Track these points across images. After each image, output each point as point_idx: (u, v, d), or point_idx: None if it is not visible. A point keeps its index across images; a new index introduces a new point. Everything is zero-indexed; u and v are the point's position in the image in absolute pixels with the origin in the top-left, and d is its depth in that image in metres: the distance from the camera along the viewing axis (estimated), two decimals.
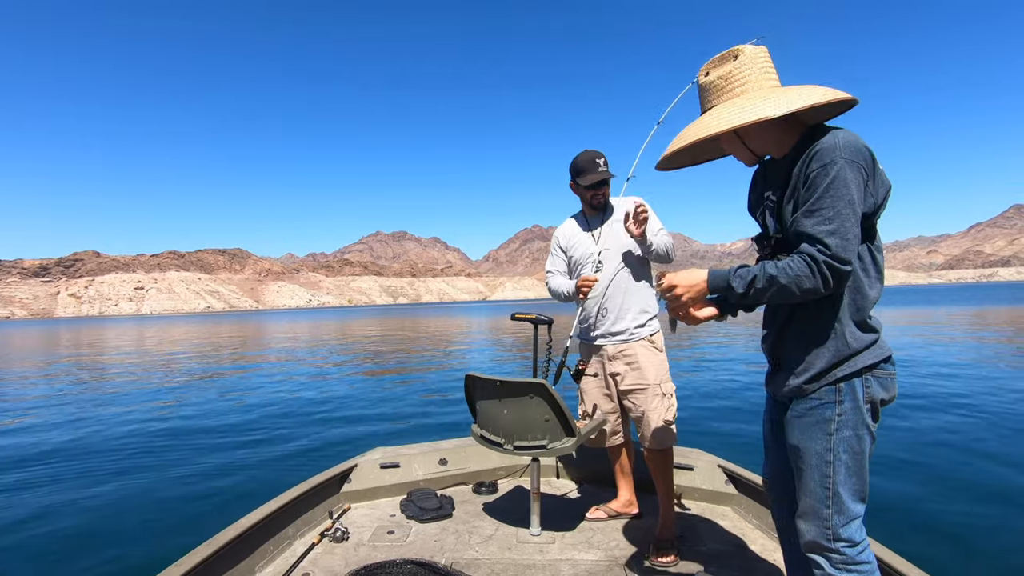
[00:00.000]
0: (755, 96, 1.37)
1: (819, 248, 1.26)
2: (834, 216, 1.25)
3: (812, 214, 1.28)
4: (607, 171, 2.49)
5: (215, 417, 7.61)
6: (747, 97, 1.39)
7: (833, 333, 1.36)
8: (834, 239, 1.24)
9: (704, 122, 1.42)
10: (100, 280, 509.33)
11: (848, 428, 1.35)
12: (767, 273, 1.30)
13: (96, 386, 11.61)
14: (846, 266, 1.25)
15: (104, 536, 3.60)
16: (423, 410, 7.66)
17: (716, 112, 1.42)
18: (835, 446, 1.35)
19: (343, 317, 72.29)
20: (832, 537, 1.36)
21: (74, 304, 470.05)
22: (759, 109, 1.32)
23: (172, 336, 33.72)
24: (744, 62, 1.41)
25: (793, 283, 1.28)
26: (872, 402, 1.35)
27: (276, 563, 2.27)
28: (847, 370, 1.34)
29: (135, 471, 5.08)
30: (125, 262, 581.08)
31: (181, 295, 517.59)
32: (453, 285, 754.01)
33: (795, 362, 1.41)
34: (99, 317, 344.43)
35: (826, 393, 1.36)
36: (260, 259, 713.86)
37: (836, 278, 1.27)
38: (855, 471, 1.35)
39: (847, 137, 1.29)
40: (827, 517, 1.36)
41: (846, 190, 1.25)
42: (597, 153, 2.50)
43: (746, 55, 1.42)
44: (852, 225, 1.26)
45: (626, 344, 2.48)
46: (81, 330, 55.07)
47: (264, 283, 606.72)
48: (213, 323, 64.06)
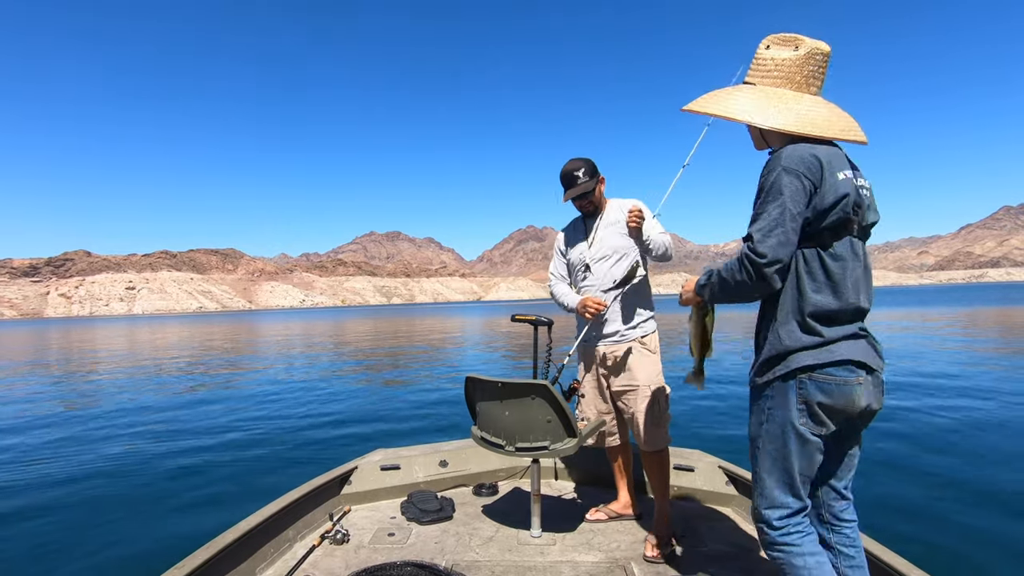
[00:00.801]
0: (777, 99, 1.45)
1: (747, 244, 1.38)
2: (763, 215, 1.36)
3: (753, 218, 1.41)
4: (586, 183, 2.47)
5: (214, 417, 7.57)
6: (770, 96, 1.46)
7: (771, 330, 1.45)
8: (758, 235, 1.35)
9: (727, 102, 1.51)
10: (91, 280, 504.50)
11: (775, 423, 1.43)
12: (715, 270, 1.44)
13: (87, 389, 11.50)
14: (762, 259, 1.33)
15: (97, 541, 3.57)
16: (423, 412, 7.64)
17: (740, 97, 1.50)
18: (762, 435, 1.46)
19: (337, 317, 72.01)
20: (754, 516, 1.50)
21: (64, 304, 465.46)
22: (765, 116, 1.42)
23: (164, 337, 33.47)
24: (795, 58, 1.47)
25: (729, 276, 1.42)
26: (807, 403, 1.39)
27: (276, 565, 2.26)
28: (782, 369, 1.41)
29: (133, 473, 5.04)
30: (116, 262, 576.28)
31: (173, 295, 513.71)
32: (447, 285, 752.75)
33: (755, 355, 1.54)
34: (90, 317, 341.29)
35: (763, 387, 1.46)
36: (253, 259, 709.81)
37: (756, 271, 1.35)
38: (779, 463, 1.43)
39: (795, 149, 1.39)
40: (754, 496, 1.51)
41: (778, 194, 1.35)
42: (577, 164, 2.49)
43: (803, 50, 1.47)
44: (778, 224, 1.34)
45: (617, 345, 2.48)
46: (71, 331, 54.57)
47: (257, 283, 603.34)
48: (205, 323, 63.63)
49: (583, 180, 2.47)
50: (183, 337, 32.00)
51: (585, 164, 2.49)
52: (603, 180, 2.57)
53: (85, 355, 20.99)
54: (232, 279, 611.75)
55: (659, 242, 2.45)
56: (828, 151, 1.42)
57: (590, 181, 2.48)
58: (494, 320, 40.93)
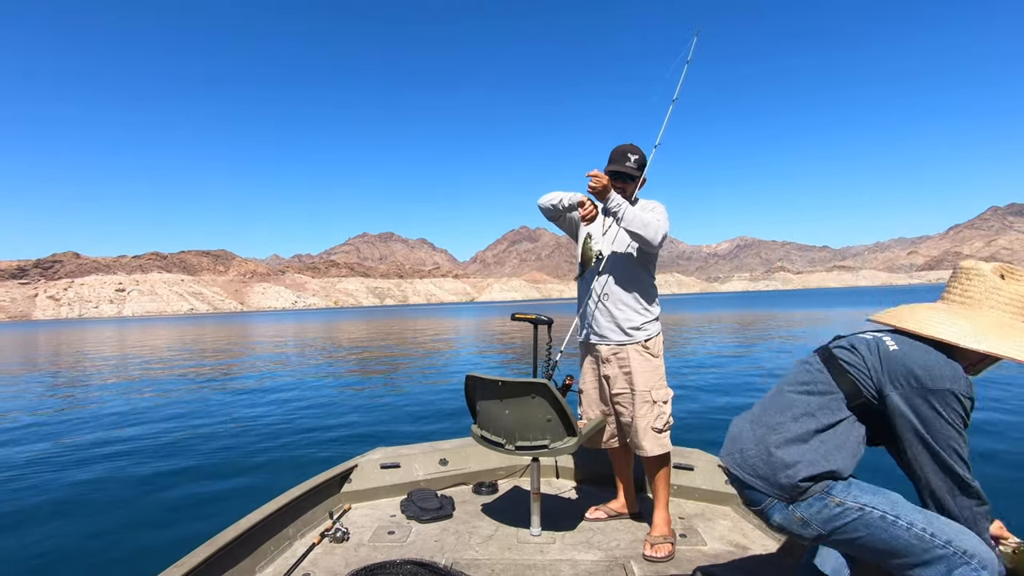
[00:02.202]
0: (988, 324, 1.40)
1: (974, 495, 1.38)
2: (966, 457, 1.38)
3: (957, 453, 1.36)
4: (631, 167, 2.46)
5: (213, 418, 7.54)
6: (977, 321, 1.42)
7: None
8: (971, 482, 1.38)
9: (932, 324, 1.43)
10: (80, 282, 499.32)
11: None
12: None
13: (80, 390, 11.39)
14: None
15: (96, 540, 3.56)
16: (422, 411, 7.63)
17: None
18: None
19: (331, 319, 71.70)
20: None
21: (53, 306, 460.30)
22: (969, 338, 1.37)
23: (156, 339, 33.20)
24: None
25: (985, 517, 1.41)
26: None
27: (276, 563, 2.26)
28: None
29: (129, 475, 5.02)
30: (106, 263, 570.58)
31: (164, 297, 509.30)
32: (440, 286, 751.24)
33: None
34: (79, 320, 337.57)
35: None
36: (245, 260, 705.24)
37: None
38: None
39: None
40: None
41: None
42: (634, 149, 2.50)
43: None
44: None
45: (619, 347, 2.45)
46: (60, 332, 53.99)
47: (249, 285, 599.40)
48: (197, 325, 63.19)
49: (630, 165, 2.47)
50: (174, 339, 31.75)
51: (639, 153, 2.50)
52: (643, 181, 2.54)
53: (71, 357, 20.77)
54: (223, 281, 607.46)
55: (631, 216, 2.30)
56: None
57: (635, 169, 2.47)
58: (488, 321, 40.94)
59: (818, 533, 1.39)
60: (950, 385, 1.30)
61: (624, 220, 2.31)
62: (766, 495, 1.43)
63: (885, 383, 1.37)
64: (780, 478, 1.40)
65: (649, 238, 2.31)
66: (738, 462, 1.49)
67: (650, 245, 2.34)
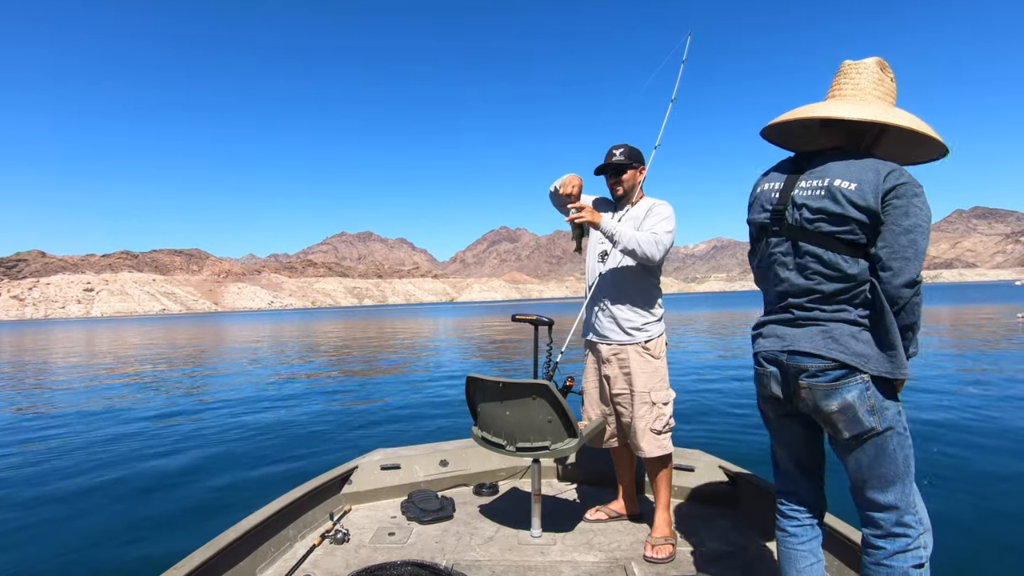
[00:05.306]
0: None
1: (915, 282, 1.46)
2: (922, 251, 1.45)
3: (911, 246, 1.45)
4: (620, 160, 2.47)
5: (212, 418, 7.44)
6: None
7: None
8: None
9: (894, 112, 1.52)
10: (45, 281, 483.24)
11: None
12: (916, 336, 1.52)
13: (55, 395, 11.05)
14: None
15: (95, 543, 3.50)
16: (421, 411, 7.59)
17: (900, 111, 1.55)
18: None
19: (310, 319, 70.73)
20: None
21: (17, 307, 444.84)
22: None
23: (130, 340, 32.36)
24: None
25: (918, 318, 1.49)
26: None
27: (277, 565, 2.26)
28: None
29: (128, 475, 4.94)
30: (73, 263, 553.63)
31: (134, 297, 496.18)
32: (419, 287, 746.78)
33: None
34: (44, 320, 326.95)
35: None
36: (219, 260, 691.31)
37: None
38: None
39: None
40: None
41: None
42: (620, 145, 2.52)
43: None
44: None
45: (620, 348, 2.46)
46: (24, 334, 52.24)
47: (223, 284, 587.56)
48: (169, 326, 61.76)
49: (618, 157, 2.48)
50: (146, 340, 30.99)
51: (626, 147, 2.52)
52: (643, 171, 2.54)
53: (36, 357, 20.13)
54: (197, 280, 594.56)
55: (627, 236, 2.33)
56: None
57: (625, 161, 2.48)
58: (467, 320, 40.83)
59: (871, 427, 1.40)
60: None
61: (620, 244, 2.34)
62: (854, 369, 1.40)
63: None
64: (876, 356, 1.39)
65: (646, 257, 2.34)
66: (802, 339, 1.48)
67: (650, 262, 2.37)
